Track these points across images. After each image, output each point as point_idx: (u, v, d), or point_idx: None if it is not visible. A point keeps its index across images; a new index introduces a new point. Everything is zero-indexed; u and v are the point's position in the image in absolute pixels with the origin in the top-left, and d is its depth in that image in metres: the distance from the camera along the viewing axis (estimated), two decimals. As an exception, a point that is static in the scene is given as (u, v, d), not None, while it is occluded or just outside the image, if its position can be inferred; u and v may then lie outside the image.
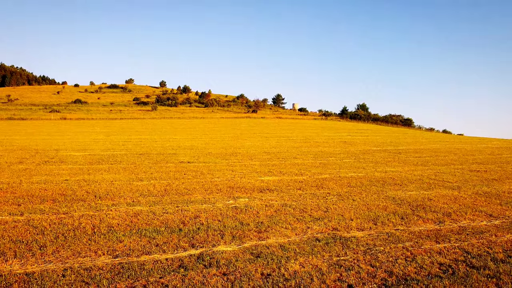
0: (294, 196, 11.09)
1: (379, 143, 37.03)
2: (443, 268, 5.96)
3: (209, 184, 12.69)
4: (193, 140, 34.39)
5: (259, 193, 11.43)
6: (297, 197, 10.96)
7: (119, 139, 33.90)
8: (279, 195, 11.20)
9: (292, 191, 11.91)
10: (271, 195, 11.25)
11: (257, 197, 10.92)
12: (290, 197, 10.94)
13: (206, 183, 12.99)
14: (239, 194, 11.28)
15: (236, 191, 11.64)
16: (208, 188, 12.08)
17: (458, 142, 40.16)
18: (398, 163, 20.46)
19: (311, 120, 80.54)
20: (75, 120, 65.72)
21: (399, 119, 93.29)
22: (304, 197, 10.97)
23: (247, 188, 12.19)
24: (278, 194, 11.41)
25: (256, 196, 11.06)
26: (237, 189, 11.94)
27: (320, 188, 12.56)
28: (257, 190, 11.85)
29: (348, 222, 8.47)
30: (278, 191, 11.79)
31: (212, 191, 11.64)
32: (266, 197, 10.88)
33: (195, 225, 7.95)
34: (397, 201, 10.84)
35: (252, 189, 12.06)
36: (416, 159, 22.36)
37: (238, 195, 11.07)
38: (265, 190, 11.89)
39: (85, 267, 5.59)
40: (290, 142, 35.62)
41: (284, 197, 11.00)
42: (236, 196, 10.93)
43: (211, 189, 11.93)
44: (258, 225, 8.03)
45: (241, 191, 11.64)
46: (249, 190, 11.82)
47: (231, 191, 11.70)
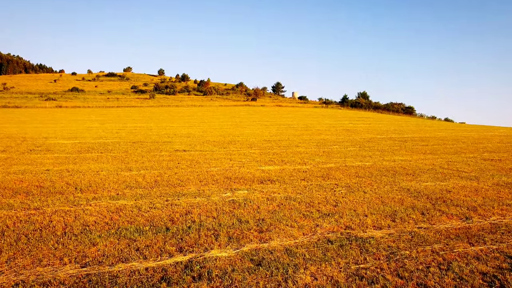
0: (299, 188, 9.94)
1: (382, 131, 35.81)
2: (487, 279, 4.84)
3: (205, 175, 11.53)
4: (190, 128, 33.15)
5: (260, 185, 10.28)
6: (301, 189, 9.81)
7: (114, 127, 32.64)
8: (281, 187, 10.05)
9: (295, 182, 10.75)
10: (272, 186, 10.10)
11: (258, 189, 9.77)
12: (294, 189, 9.79)
13: (202, 173, 11.83)
14: (237, 185, 10.13)
15: (234, 182, 10.48)
16: (203, 178, 10.92)
17: (463, 130, 38.98)
18: (405, 152, 19.33)
19: (311, 108, 79.13)
20: (71, 108, 64.28)
21: (401, 107, 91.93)
22: (310, 189, 9.82)
23: (246, 178, 11.03)
24: (281, 185, 10.26)
25: (256, 187, 9.90)
26: (235, 180, 10.78)
27: (326, 178, 11.41)
28: (257, 181, 10.70)
29: (362, 219, 7.33)
30: (280, 182, 10.63)
31: (208, 182, 10.48)
32: (267, 189, 9.73)
33: (186, 223, 6.80)
34: (413, 193, 9.70)
35: (252, 180, 10.90)
36: (423, 148, 21.22)
37: (236, 187, 9.92)
38: (266, 181, 10.73)
39: (42, 280, 4.44)
40: (291, 130, 34.38)
41: (288, 189, 9.85)
42: (234, 188, 9.78)
43: (207, 180, 10.77)
44: (259, 222, 6.88)
45: (239, 182, 10.49)
46: (249, 181, 10.67)
47: (228, 182, 10.54)
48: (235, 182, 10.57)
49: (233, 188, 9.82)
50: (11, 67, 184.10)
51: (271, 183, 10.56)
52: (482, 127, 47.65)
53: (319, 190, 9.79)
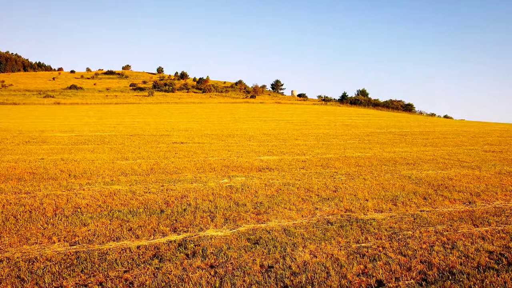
0: (297, 175, 9.73)
1: (382, 126, 35.59)
2: (494, 257, 4.64)
3: (202, 163, 11.31)
4: (188, 123, 32.91)
5: (258, 172, 10.07)
6: (300, 176, 9.61)
7: (111, 122, 32.38)
8: (280, 174, 9.84)
9: (294, 170, 10.55)
10: (271, 174, 9.90)
11: (256, 176, 9.56)
12: (292, 176, 9.59)
13: (199, 162, 11.62)
14: (235, 173, 9.92)
15: (232, 170, 10.27)
16: (200, 167, 10.71)
17: (463, 126, 38.81)
18: (406, 144, 19.14)
19: (311, 105, 78.89)
20: (69, 105, 63.94)
21: (400, 104, 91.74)
22: (309, 176, 9.62)
23: (245, 167, 10.82)
24: (279, 173, 10.06)
25: (254, 175, 9.70)
26: (233, 168, 10.57)
27: (325, 167, 11.20)
28: (255, 169, 10.49)
29: (363, 203, 7.13)
30: (279, 170, 10.43)
31: (205, 170, 10.27)
32: (265, 176, 9.53)
33: (181, 206, 6.59)
34: (414, 180, 9.51)
35: (250, 168, 10.69)
36: (424, 141, 21.02)
37: (234, 174, 9.71)
38: (265, 169, 10.53)
39: (28, 257, 4.23)
40: (290, 125, 34.13)
41: (286, 176, 9.64)
42: (231, 175, 9.57)
43: (204, 168, 10.56)
44: (256, 205, 6.68)
45: (237, 170, 10.28)
46: (247, 169, 10.46)
47: (226, 170, 10.33)
48: (233, 170, 10.36)
49: (230, 175, 9.61)
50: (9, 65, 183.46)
51: (270, 171, 10.35)
52: (482, 123, 47.45)
53: (318, 177, 9.58)
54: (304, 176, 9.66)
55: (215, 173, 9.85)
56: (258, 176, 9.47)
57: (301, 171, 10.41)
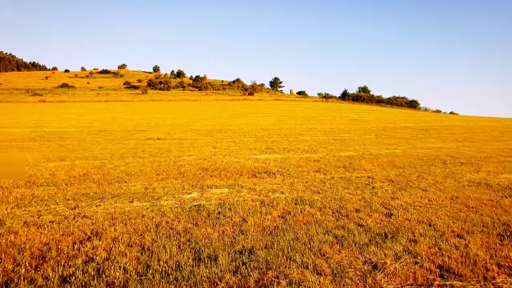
0: (313, 184, 6.10)
1: (393, 121, 32.02)
2: None
3: (169, 165, 7.67)
4: (178, 119, 29.23)
5: (251, 179, 6.43)
6: (319, 185, 5.97)
7: (90, 118, 28.68)
8: (285, 182, 6.20)
9: (306, 174, 6.91)
10: (271, 181, 6.26)
11: (247, 185, 5.92)
12: (306, 185, 5.95)
13: (165, 163, 7.97)
14: (214, 180, 6.27)
15: (211, 176, 6.63)
16: (163, 170, 7.06)
17: (479, 121, 35.28)
18: (435, 139, 15.60)
19: (311, 102, 75.16)
20: (55, 103, 60.17)
21: (404, 101, 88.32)
22: (333, 186, 5.98)
23: (231, 170, 7.18)
24: (284, 179, 6.42)
25: (244, 183, 6.05)
26: (213, 172, 6.93)
27: (351, 169, 7.57)
28: (247, 174, 6.85)
29: (460, 245, 3.49)
30: (283, 175, 6.78)
31: (169, 175, 6.63)
32: (262, 186, 5.89)
33: (62, 278, 2.94)
34: (500, 191, 5.89)
35: (239, 171, 7.04)
36: (452, 135, 17.48)
37: (212, 183, 6.06)
38: (262, 173, 6.88)
39: None
40: (292, 120, 30.44)
41: (296, 184, 6.00)
42: (207, 185, 5.92)
43: (168, 172, 6.91)
44: (237, 265, 3.02)
45: (219, 176, 6.64)
46: (234, 174, 6.82)
47: (201, 175, 6.69)
48: (212, 175, 6.71)
49: (205, 184, 5.96)
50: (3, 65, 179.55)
51: (269, 176, 6.71)
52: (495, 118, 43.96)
53: (347, 186, 5.94)
54: (324, 185, 6.02)
55: (182, 180, 6.21)
56: (250, 186, 5.83)
57: (317, 176, 6.78)
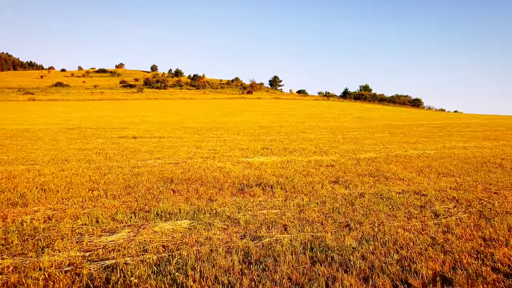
0: (334, 206, 3.72)
1: (402, 119, 29.67)
2: None
3: (120, 174, 5.31)
4: (169, 116, 26.85)
5: (235, 196, 4.06)
6: (344, 210, 3.60)
7: (72, 116, 26.33)
8: (289, 203, 3.83)
9: (320, 188, 4.55)
10: (266, 202, 3.88)
11: (225, 210, 3.54)
12: (323, 211, 3.57)
13: (117, 171, 5.61)
14: (173, 201, 3.90)
15: (174, 191, 4.27)
16: (105, 183, 4.70)
17: (493, 119, 32.98)
18: (459, 137, 13.44)
19: (312, 101, 72.72)
20: (45, 101, 57.75)
21: (407, 99, 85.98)
22: (369, 211, 3.60)
23: (209, 180, 4.80)
24: (287, 198, 4.04)
25: (223, 206, 3.67)
26: (178, 185, 4.56)
27: (382, 179, 5.21)
28: (231, 187, 4.47)
29: None
30: (285, 189, 4.41)
31: (107, 191, 4.28)
32: (251, 212, 3.51)
33: None
34: None
35: (220, 183, 4.66)
36: (475, 133, 15.40)
37: (167, 207, 3.69)
38: (253, 187, 4.50)
39: None
40: (293, 118, 28.08)
41: (307, 209, 3.62)
42: (159, 211, 3.55)
43: (110, 185, 4.56)
44: None
45: (186, 191, 4.27)
46: (211, 187, 4.44)
47: (160, 190, 4.33)
48: (176, 190, 4.33)
49: (156, 209, 3.58)
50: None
51: (264, 191, 4.33)
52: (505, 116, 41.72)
53: (393, 211, 3.57)
54: (353, 209, 3.64)
55: (123, 201, 3.84)
56: (230, 213, 3.45)
57: (337, 190, 4.41)
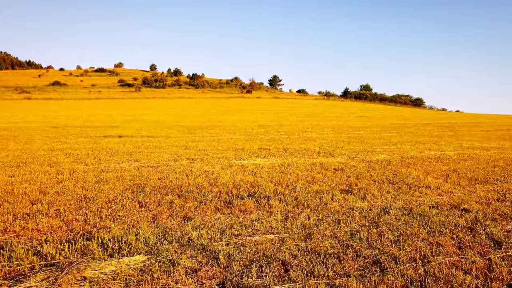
0: (350, 229, 2.66)
1: (407, 118, 28.65)
2: None
3: (80, 181, 4.30)
4: (164, 115, 25.82)
5: (219, 212, 3.06)
6: (366, 234, 2.53)
7: (61, 114, 25.30)
8: (290, 223, 2.81)
9: (328, 199, 3.50)
10: (260, 221, 2.86)
11: (202, 235, 2.51)
12: (336, 236, 2.51)
13: (77, 176, 4.60)
14: (136, 219, 2.84)
15: (141, 205, 3.22)
16: (56, 193, 3.65)
17: (499, 118, 31.96)
18: (470, 137, 12.59)
19: (312, 100, 71.70)
20: (41, 100, 56.71)
21: (408, 99, 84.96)
22: (399, 237, 2.52)
23: (190, 189, 3.78)
24: (288, 215, 3.01)
25: (200, 227, 2.65)
26: (151, 196, 3.54)
27: (404, 187, 4.19)
28: (216, 199, 3.44)
29: None
30: (285, 202, 3.37)
31: (51, 205, 3.22)
32: (237, 239, 2.47)
33: None
34: None
35: (203, 192, 3.64)
36: (488, 133, 14.54)
37: (111, 237, 2.63)
38: (244, 198, 3.47)
39: None
40: (294, 116, 27.04)
41: (316, 233, 2.57)
42: (106, 240, 2.48)
43: (60, 197, 3.50)
44: None
45: (156, 204, 3.23)
46: (191, 198, 3.42)
47: (123, 203, 3.28)
48: (145, 204, 3.31)
49: (90, 247, 2.54)
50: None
51: (258, 204, 3.31)
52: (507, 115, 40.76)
53: (435, 237, 2.54)
54: (378, 233, 2.59)
55: (68, 218, 2.81)
56: (207, 241, 2.40)
57: (352, 202, 3.40)
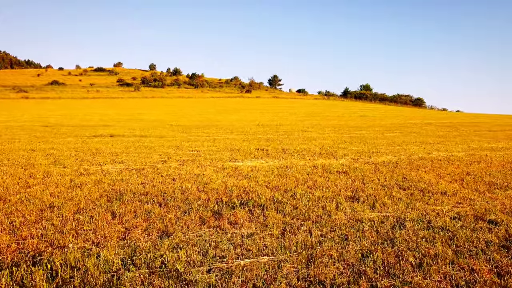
0: (359, 249, 2.18)
1: (407, 118, 28.17)
2: None
3: (51, 186, 3.77)
4: (162, 115, 25.32)
5: (204, 226, 2.56)
6: (384, 259, 2.04)
7: (55, 113, 24.79)
8: (289, 239, 2.32)
9: (332, 209, 3.02)
10: (251, 237, 2.34)
11: (175, 259, 2.00)
12: (343, 259, 2.02)
13: (48, 182, 4.08)
14: (104, 235, 2.33)
15: (114, 217, 2.71)
16: (15, 206, 3.13)
17: (501, 118, 31.50)
18: (478, 137, 12.13)
19: (312, 100, 71.19)
20: (38, 99, 56.17)
21: (409, 99, 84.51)
22: (429, 260, 2.02)
23: (174, 197, 3.29)
24: (286, 228, 2.50)
25: (172, 252, 2.14)
26: (128, 205, 3.04)
27: (416, 193, 3.72)
28: (202, 208, 2.96)
29: None
30: (282, 211, 2.88)
31: (7, 216, 2.68)
32: (227, 262, 1.98)
33: None
34: None
35: (189, 200, 3.16)
36: (493, 133, 14.17)
37: (64, 261, 2.12)
38: (236, 207, 2.97)
39: None
40: (293, 116, 26.55)
41: (320, 255, 2.10)
42: None
43: (22, 209, 2.98)
44: None
45: (132, 215, 2.72)
46: (174, 207, 2.93)
47: (93, 214, 2.77)
48: (116, 215, 2.81)
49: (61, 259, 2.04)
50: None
51: (252, 216, 2.84)
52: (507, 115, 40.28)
53: (473, 267, 2.03)
54: (398, 259, 2.11)
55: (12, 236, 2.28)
56: (186, 272, 1.95)
57: (360, 212, 2.94)
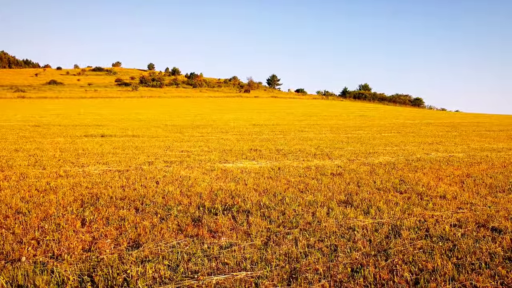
0: (361, 273, 1.91)
1: (408, 117, 27.93)
2: None
3: (22, 189, 3.47)
4: (159, 114, 25.04)
5: (180, 235, 2.28)
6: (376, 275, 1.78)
7: (48, 113, 24.50)
8: (277, 255, 2.01)
9: (323, 216, 2.78)
10: (232, 251, 2.11)
11: (139, 275, 1.72)
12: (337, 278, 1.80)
13: (19, 185, 3.77)
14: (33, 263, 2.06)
15: (84, 223, 2.43)
16: None
17: (502, 118, 31.30)
18: (478, 137, 11.83)
19: (311, 100, 70.95)
20: (35, 99, 55.81)
21: (408, 99, 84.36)
22: (427, 276, 1.76)
23: (154, 201, 3.02)
24: (270, 239, 2.25)
25: (138, 267, 1.87)
26: (103, 211, 2.74)
27: (414, 197, 3.49)
28: (182, 215, 2.71)
29: None
30: (269, 218, 2.64)
31: None
32: (198, 281, 1.68)
33: None
34: None
35: (165, 208, 2.89)
36: (493, 133, 13.80)
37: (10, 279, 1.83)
38: (218, 213, 2.72)
39: None
40: (291, 116, 26.29)
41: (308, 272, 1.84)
42: None
43: None
44: None
45: (104, 222, 2.45)
46: (151, 214, 2.67)
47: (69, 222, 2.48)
48: (86, 222, 2.54)
49: None
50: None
51: (235, 223, 2.58)
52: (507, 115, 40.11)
53: (477, 285, 1.76)
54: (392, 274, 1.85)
55: None
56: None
57: (352, 220, 2.74)
